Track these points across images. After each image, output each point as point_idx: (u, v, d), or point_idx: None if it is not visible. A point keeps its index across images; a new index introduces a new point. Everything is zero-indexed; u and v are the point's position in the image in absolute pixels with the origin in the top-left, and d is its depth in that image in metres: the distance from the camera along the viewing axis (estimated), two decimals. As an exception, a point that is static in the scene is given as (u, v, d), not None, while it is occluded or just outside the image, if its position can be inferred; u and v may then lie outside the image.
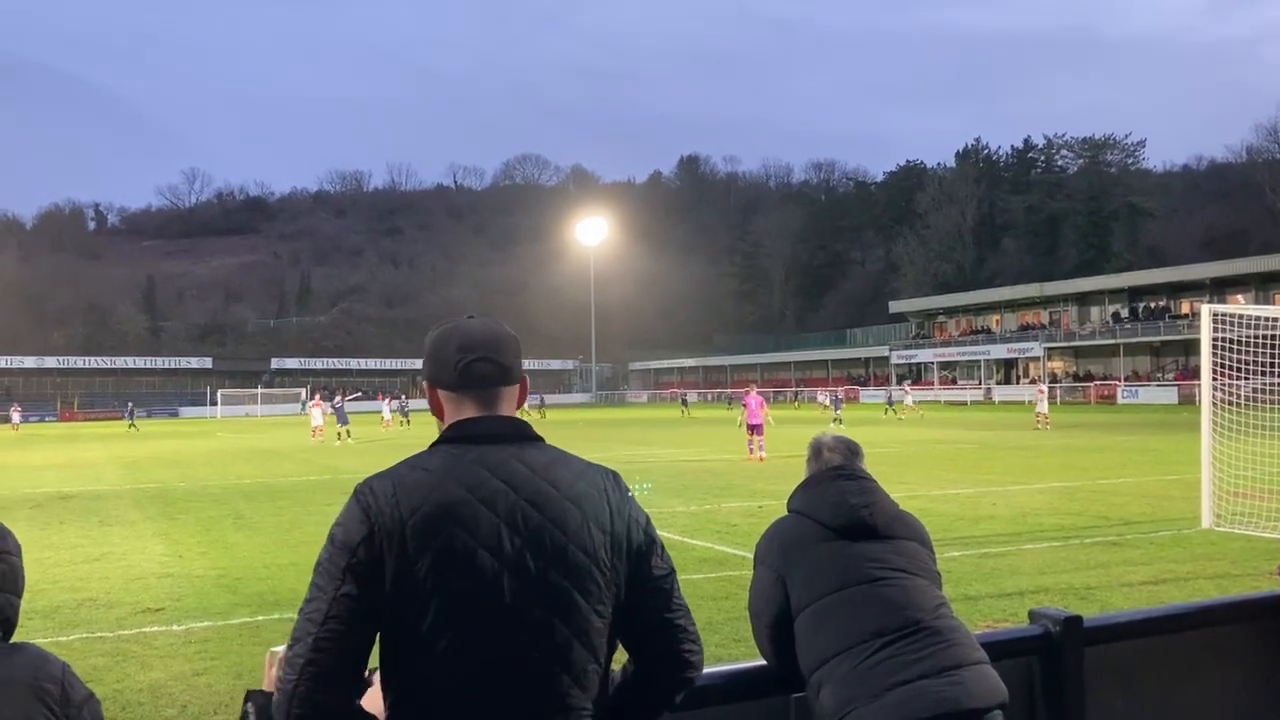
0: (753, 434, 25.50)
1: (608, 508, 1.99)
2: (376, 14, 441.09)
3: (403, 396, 62.83)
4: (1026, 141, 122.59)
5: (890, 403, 56.36)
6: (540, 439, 2.04)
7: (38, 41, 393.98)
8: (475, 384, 2.03)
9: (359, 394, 70.45)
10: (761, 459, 24.55)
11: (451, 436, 2.00)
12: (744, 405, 27.04)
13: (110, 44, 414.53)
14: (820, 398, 64.09)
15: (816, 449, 3.18)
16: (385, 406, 53.15)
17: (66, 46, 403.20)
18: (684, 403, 71.79)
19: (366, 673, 1.93)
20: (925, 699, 2.57)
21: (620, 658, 2.07)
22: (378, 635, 1.88)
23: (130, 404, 67.61)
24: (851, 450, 3.16)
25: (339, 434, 37.55)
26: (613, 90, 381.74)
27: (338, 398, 42.89)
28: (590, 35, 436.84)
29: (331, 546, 1.87)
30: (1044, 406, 40.41)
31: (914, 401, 57.80)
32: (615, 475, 2.08)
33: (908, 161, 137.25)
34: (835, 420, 45.20)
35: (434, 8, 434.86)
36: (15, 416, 62.69)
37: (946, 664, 2.64)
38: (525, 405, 2.18)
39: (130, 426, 59.77)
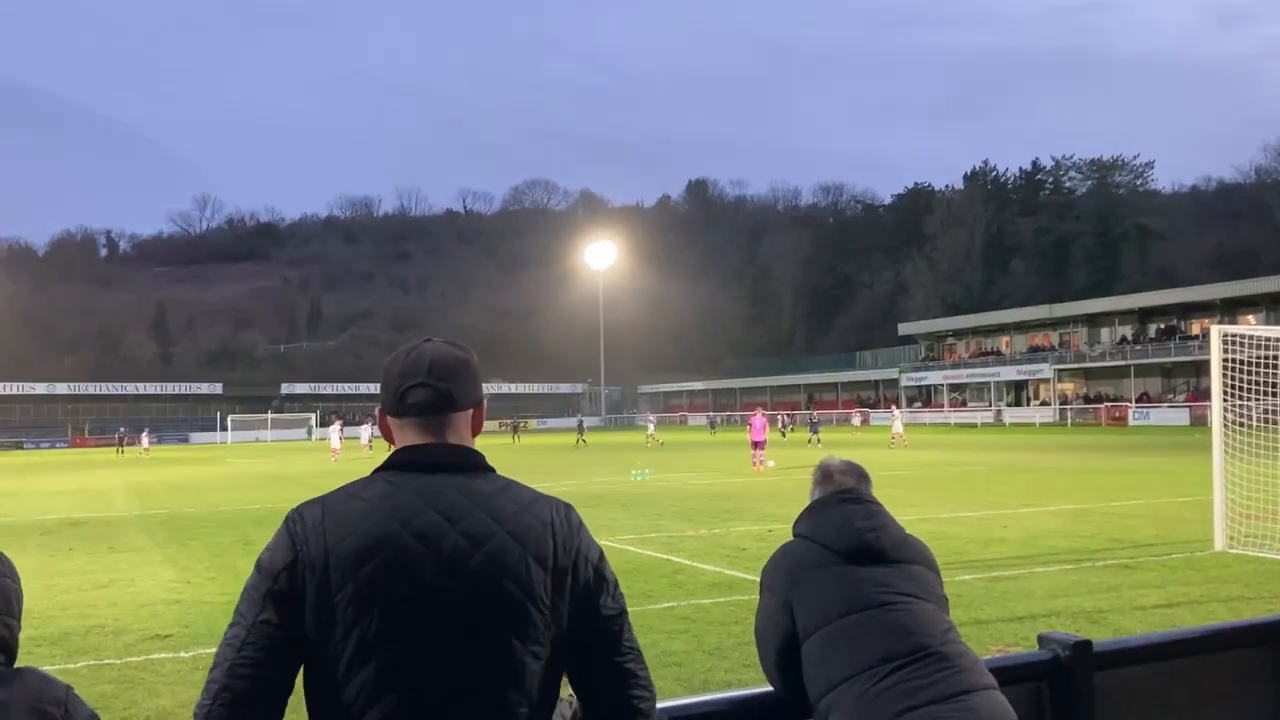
0: (756, 449, 30.16)
1: (552, 542, 1.90)
2: (381, 42, 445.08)
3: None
4: (1034, 163, 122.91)
5: (814, 429, 50.80)
6: (490, 469, 1.97)
7: (50, 72, 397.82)
8: (414, 411, 1.97)
9: None
10: (769, 467, 29.29)
11: (393, 464, 1.94)
12: (750, 424, 32.11)
13: (120, 74, 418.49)
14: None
15: (824, 473, 3.15)
16: (365, 430, 52.15)
17: (78, 77, 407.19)
18: (580, 430, 62.42)
19: None
20: None
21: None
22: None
23: (122, 429, 67.60)
24: (859, 474, 3.14)
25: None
26: (618, 114, 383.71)
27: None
28: (591, 59, 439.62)
29: (257, 573, 1.85)
30: (899, 427, 44.76)
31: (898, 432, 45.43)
32: (568, 508, 1.99)
33: (915, 184, 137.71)
34: (811, 442, 46.61)
35: (436, 35, 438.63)
36: (145, 440, 63.73)
37: (955, 690, 2.61)
38: (514, 430, 2.13)
39: (119, 452, 59.94)
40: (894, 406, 54.83)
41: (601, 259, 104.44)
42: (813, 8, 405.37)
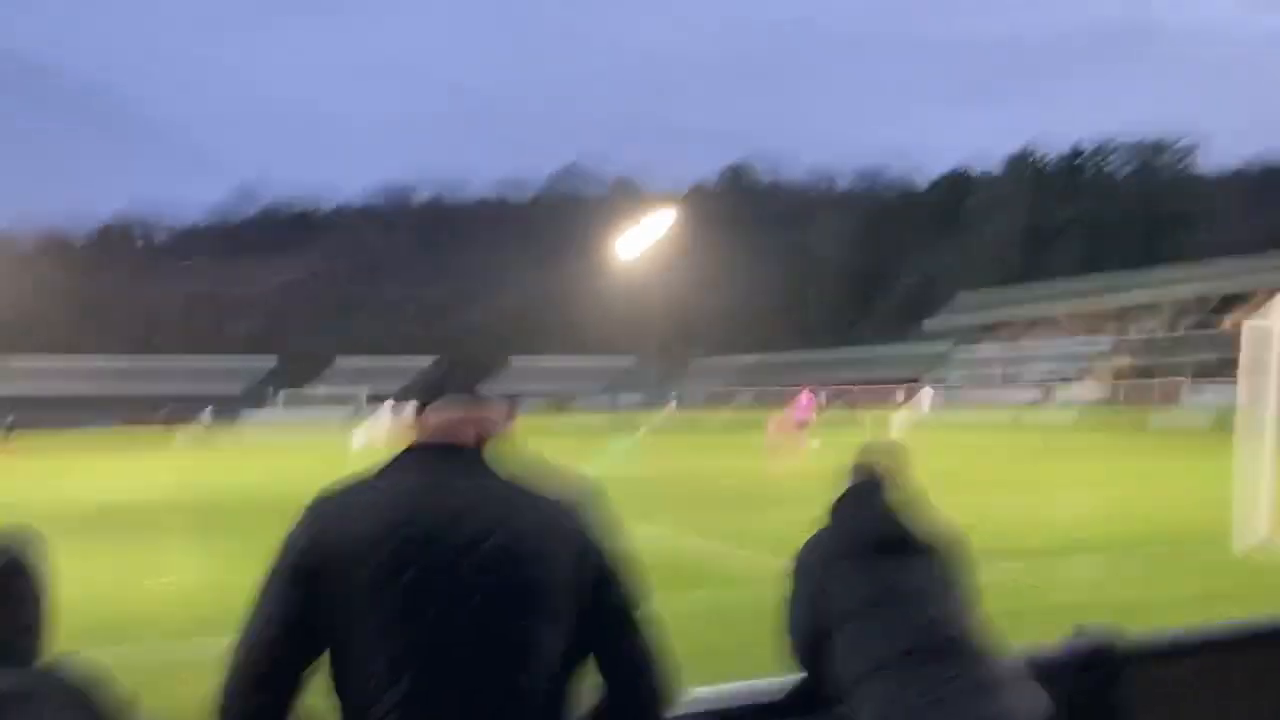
0: (800, 429, 29.62)
1: (568, 526, 1.95)
2: (413, 31, 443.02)
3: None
4: (1076, 147, 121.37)
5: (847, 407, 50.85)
6: (508, 457, 2.03)
7: (87, 63, 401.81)
8: (450, 387, 2.05)
9: None
10: (812, 448, 28.09)
11: (413, 450, 2.00)
12: (795, 404, 31.21)
13: (157, 65, 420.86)
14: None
15: (858, 459, 3.15)
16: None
17: (116, 68, 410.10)
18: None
19: None
20: (963, 718, 2.53)
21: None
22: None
23: (164, 410, 68.51)
24: (894, 460, 3.13)
25: None
26: (652, 100, 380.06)
27: None
28: (623, 46, 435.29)
29: (278, 554, 1.91)
30: (925, 407, 46.85)
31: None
32: (585, 493, 2.06)
33: (955, 168, 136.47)
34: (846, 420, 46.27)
35: (468, 24, 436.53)
36: (206, 417, 65.25)
37: (983, 682, 2.60)
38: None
39: (164, 434, 60.76)
40: (924, 387, 56.10)
41: (638, 245, 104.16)
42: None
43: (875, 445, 3.22)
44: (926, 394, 47.56)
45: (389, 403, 45.33)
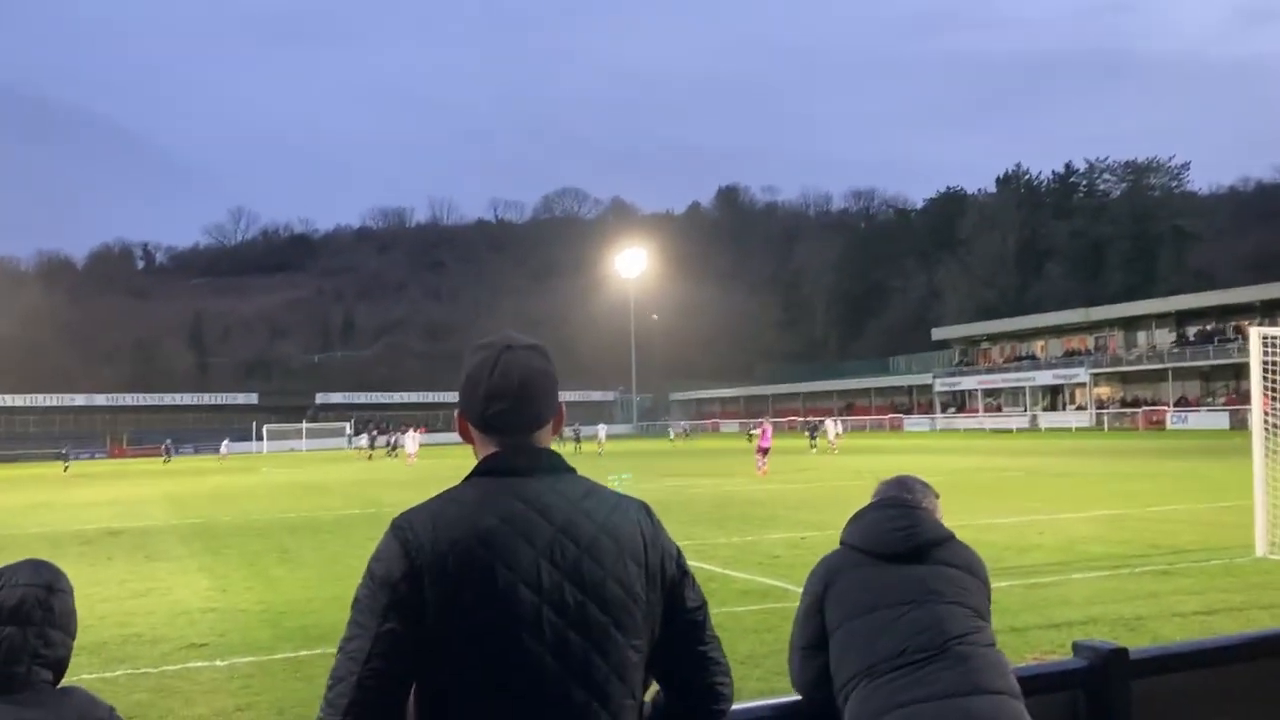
0: (763, 455, 32.27)
1: (641, 540, 1.97)
2: (405, 57, 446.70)
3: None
4: (1068, 166, 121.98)
5: (813, 435, 51.94)
6: (573, 470, 2.02)
7: (83, 90, 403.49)
8: (502, 430, 2.00)
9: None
10: (764, 473, 31.08)
11: (485, 469, 1.97)
12: (760, 432, 34.17)
13: (151, 91, 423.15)
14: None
15: (878, 487, 3.19)
16: (412, 439, 50.72)
17: (114, 95, 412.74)
18: (577, 437, 62.49)
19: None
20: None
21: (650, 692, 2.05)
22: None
23: (168, 440, 68.82)
24: (907, 485, 3.15)
25: None
26: (646, 123, 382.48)
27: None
28: (611, 70, 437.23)
29: (372, 583, 1.85)
30: (832, 435, 48.42)
31: (836, 435, 49.29)
32: (647, 507, 2.05)
33: (948, 188, 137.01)
34: (812, 448, 48.04)
35: (456, 50, 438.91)
36: (224, 449, 65.94)
37: (958, 690, 2.57)
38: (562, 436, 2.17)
39: (166, 462, 60.83)
40: (828, 417, 58.38)
41: (632, 266, 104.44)
42: (837, 14, 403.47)
43: (900, 475, 3.25)
44: (829, 425, 50.27)
45: (411, 431, 48.65)
